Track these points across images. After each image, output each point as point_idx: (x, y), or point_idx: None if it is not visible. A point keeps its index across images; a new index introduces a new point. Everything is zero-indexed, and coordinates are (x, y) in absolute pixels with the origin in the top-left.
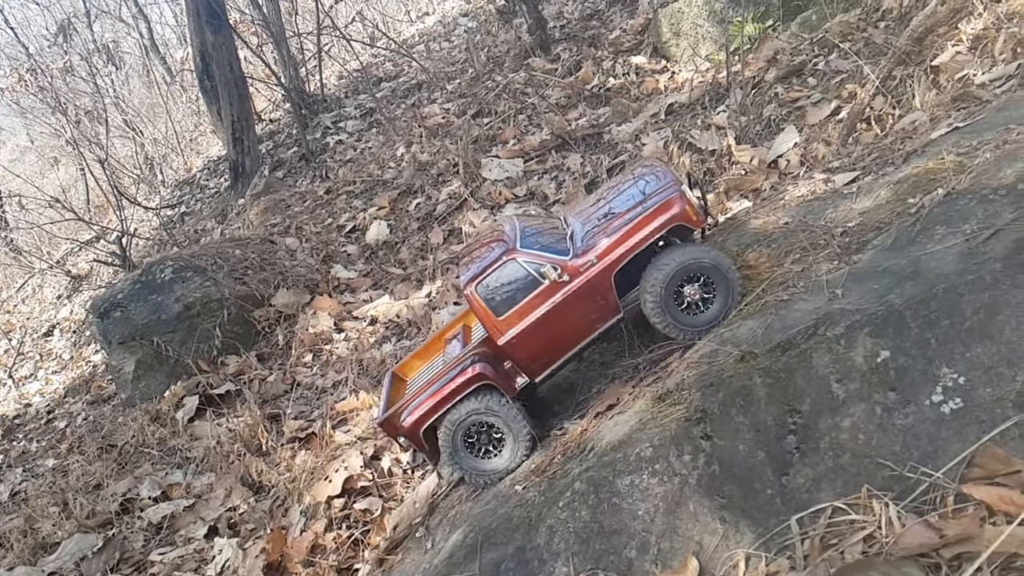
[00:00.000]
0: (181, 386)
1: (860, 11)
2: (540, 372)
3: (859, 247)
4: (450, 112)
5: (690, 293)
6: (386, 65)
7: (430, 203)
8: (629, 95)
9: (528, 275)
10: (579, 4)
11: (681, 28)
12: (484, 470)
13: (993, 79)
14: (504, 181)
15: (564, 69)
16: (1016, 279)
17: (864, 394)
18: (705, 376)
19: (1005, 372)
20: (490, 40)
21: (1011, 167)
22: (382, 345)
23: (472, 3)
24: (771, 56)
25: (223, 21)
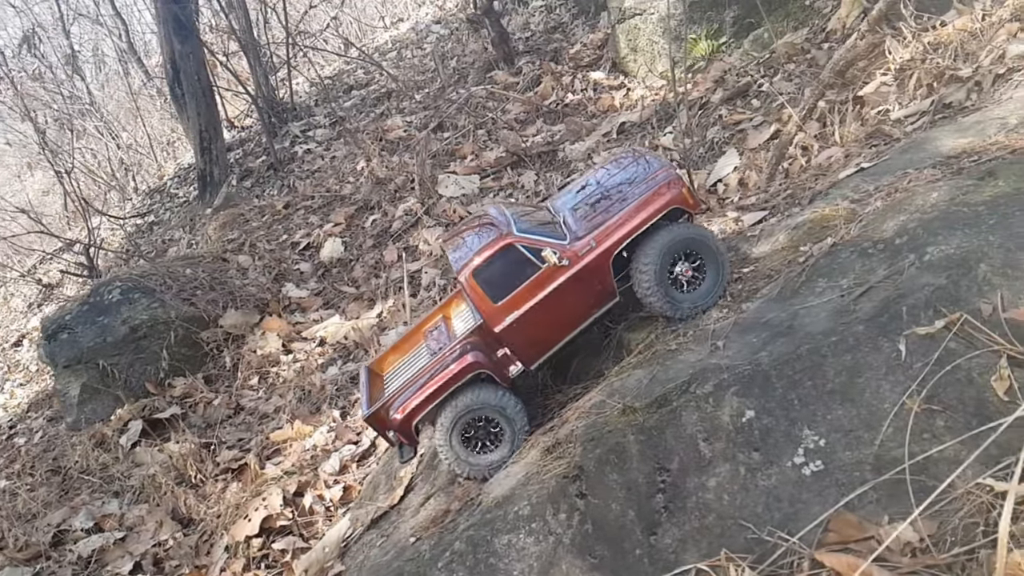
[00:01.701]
0: (127, 409)
1: (808, 31)
2: (536, 359)
3: (749, 295)
4: (412, 125)
5: (682, 271)
6: (358, 73)
7: (386, 220)
8: (586, 111)
9: (526, 260)
10: (544, 16)
11: (638, 44)
12: (481, 464)
13: (908, 115)
14: (460, 198)
15: (525, 83)
16: (877, 342)
17: (729, 454)
18: (591, 428)
19: (864, 435)
20: (459, 49)
21: (894, 219)
22: (327, 368)
23: (445, 10)
24: (719, 76)
25: (190, 31)
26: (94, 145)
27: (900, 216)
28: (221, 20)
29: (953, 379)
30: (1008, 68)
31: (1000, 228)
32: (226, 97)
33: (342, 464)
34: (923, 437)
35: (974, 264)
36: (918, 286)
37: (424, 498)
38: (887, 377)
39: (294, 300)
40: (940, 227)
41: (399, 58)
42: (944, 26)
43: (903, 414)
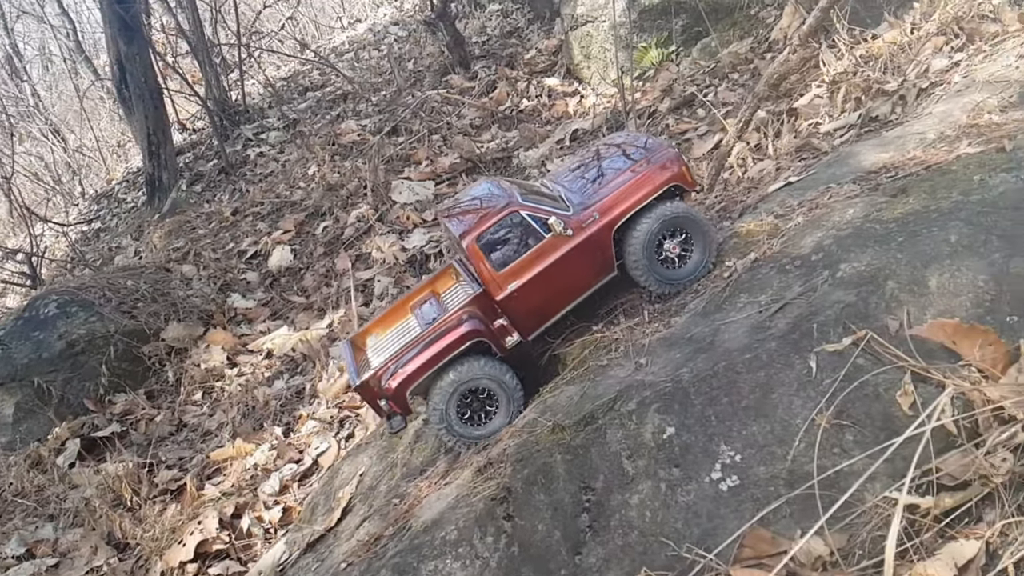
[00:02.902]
0: (64, 428)
1: (752, 40)
2: (534, 329)
3: (678, 310)
4: (366, 129)
5: (670, 248)
6: (313, 74)
7: (338, 226)
8: (540, 118)
9: (531, 228)
10: (501, 20)
11: (591, 51)
12: (476, 436)
13: (837, 128)
14: (414, 204)
15: (481, 88)
16: (789, 358)
17: (651, 471)
18: (522, 448)
19: (777, 451)
20: (417, 51)
21: (812, 235)
22: (273, 382)
23: (403, 11)
24: (667, 85)
25: (137, 31)
26: (39, 148)
27: (818, 232)
28: (172, 20)
29: (861, 395)
30: (931, 82)
31: (908, 246)
32: (177, 99)
33: (282, 484)
34: (833, 452)
35: (882, 281)
36: (829, 303)
37: (361, 520)
38: (799, 393)
39: (240, 311)
40: (853, 244)
41: (356, 59)
42: (875, 39)
43: (814, 429)
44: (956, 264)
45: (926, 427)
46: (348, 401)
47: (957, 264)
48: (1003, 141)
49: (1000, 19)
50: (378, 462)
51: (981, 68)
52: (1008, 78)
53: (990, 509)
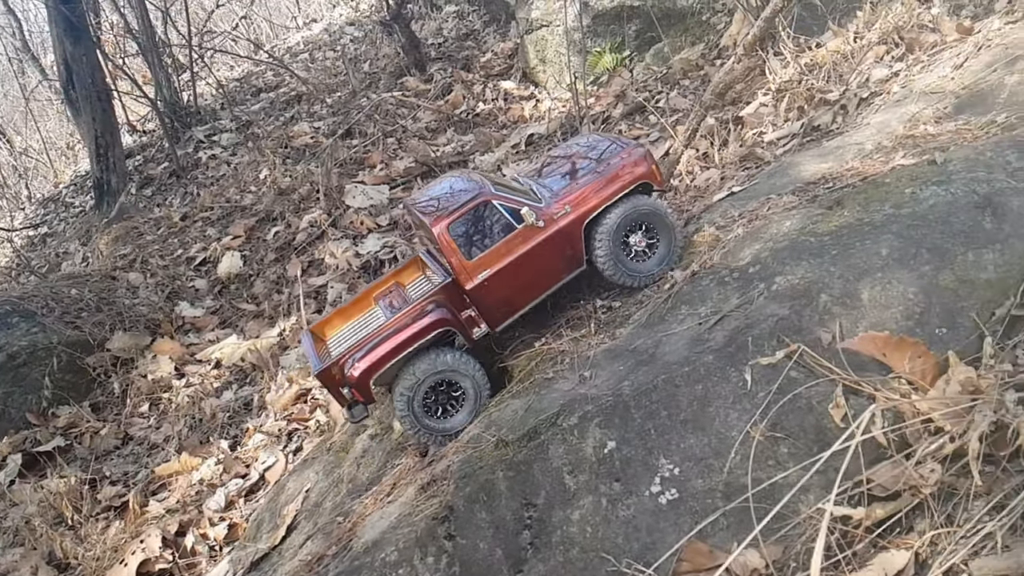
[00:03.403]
0: (6, 443)
1: (703, 47)
2: (502, 320)
3: (622, 321)
4: (319, 132)
5: (636, 241)
6: (267, 75)
7: (289, 232)
8: (496, 121)
9: (503, 218)
10: (457, 22)
11: (546, 55)
12: (442, 429)
13: (780, 137)
14: (368, 209)
15: (437, 90)
16: (725, 371)
17: (592, 485)
18: (465, 464)
19: (715, 463)
20: (373, 52)
21: (751, 247)
22: (222, 393)
23: (359, 12)
24: (620, 91)
25: (83, 31)
26: None
27: (756, 244)
28: (120, 19)
29: (794, 407)
30: (871, 92)
31: (841, 259)
32: (127, 100)
33: (228, 500)
34: (768, 464)
35: (816, 294)
36: (764, 316)
37: (305, 538)
38: (735, 406)
39: (188, 320)
40: (788, 257)
41: (311, 60)
42: (819, 47)
43: (749, 442)
44: (887, 277)
45: (854, 440)
46: (296, 413)
47: (888, 277)
48: (935, 153)
49: (939, 29)
50: (324, 477)
51: (919, 78)
52: (943, 89)
53: (921, 519)
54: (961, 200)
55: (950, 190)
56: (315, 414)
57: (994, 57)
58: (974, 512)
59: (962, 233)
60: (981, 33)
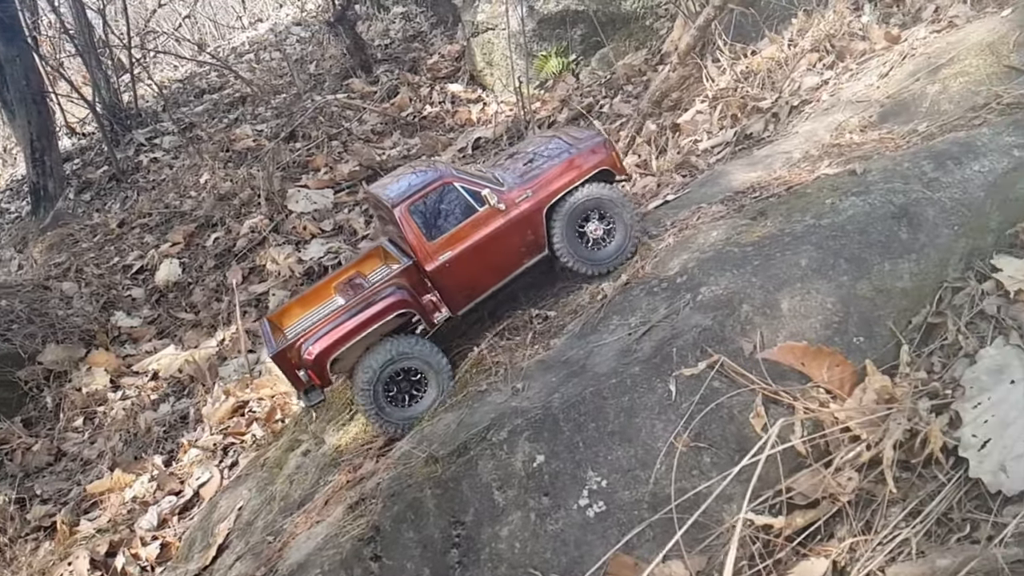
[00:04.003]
0: None
1: (646, 52)
2: (464, 304)
3: (557, 331)
4: (262, 134)
5: (593, 229)
6: (211, 76)
7: (230, 238)
8: (443, 125)
9: (464, 201)
10: (404, 23)
11: (493, 58)
12: (405, 418)
13: (715, 145)
14: (311, 214)
15: (383, 92)
16: (652, 382)
17: (521, 501)
18: (394, 482)
19: (641, 474)
20: (319, 53)
21: (680, 257)
22: (159, 406)
23: (306, 11)
24: (565, 96)
25: (16, 32)
26: None
27: (684, 254)
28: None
29: (717, 417)
30: (802, 100)
31: (763, 269)
32: (66, 102)
33: (161, 518)
34: (692, 474)
35: (738, 305)
36: (689, 327)
37: (236, 558)
38: (660, 417)
39: (125, 330)
40: (713, 267)
41: (256, 61)
42: (755, 55)
43: (674, 452)
44: (806, 287)
45: (764, 451)
46: (233, 427)
47: (807, 287)
48: (855, 164)
49: (868, 37)
50: (258, 495)
51: (847, 86)
52: (869, 97)
53: (841, 526)
54: (879, 210)
55: (868, 200)
56: (251, 428)
57: (918, 66)
58: (891, 519)
59: (879, 243)
60: (907, 42)
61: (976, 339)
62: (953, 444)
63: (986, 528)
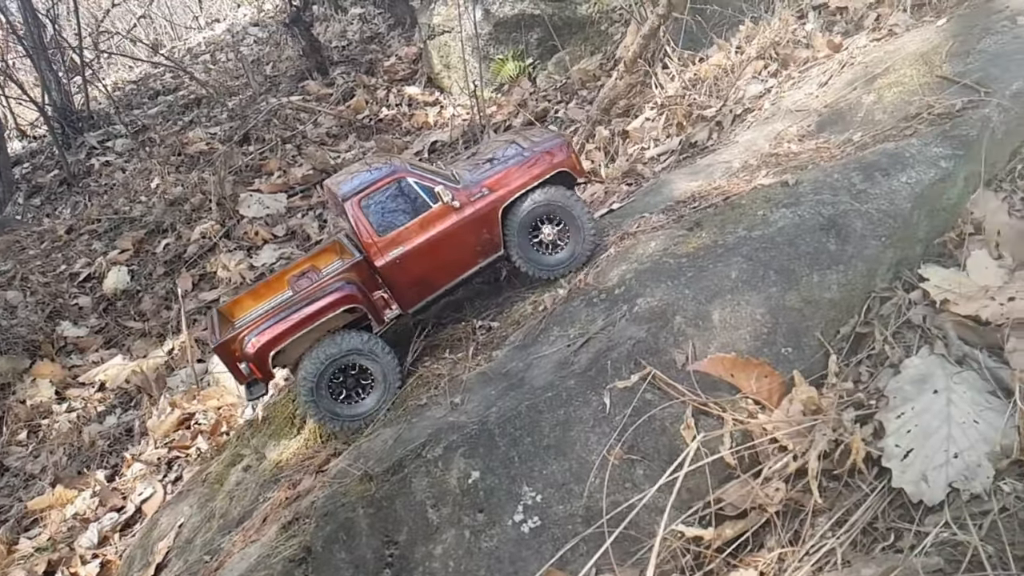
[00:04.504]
0: None
1: (601, 57)
2: (415, 302)
3: (499, 342)
4: (215, 137)
5: (547, 233)
6: (165, 77)
7: (180, 244)
8: (400, 128)
9: (417, 196)
10: (361, 25)
11: (450, 61)
12: (348, 415)
13: (661, 152)
14: (263, 219)
15: (339, 95)
16: (587, 395)
17: (455, 518)
18: (329, 501)
19: (575, 488)
20: (276, 54)
21: (619, 268)
22: (105, 418)
23: (264, 12)
24: (521, 100)
25: None
26: None
27: (623, 265)
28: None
29: (649, 429)
30: (745, 108)
31: (695, 281)
32: (15, 105)
33: (102, 535)
34: (625, 487)
35: (671, 316)
36: (624, 338)
37: None
38: (594, 429)
39: (71, 340)
40: (650, 279)
41: (212, 62)
42: (703, 62)
43: (608, 465)
44: (737, 299)
45: (685, 466)
46: (178, 440)
47: (738, 299)
48: (788, 175)
49: (812, 45)
50: (198, 511)
51: (788, 95)
52: (808, 106)
53: (770, 536)
54: (808, 222)
55: (798, 212)
56: (196, 441)
57: (855, 75)
58: (818, 529)
59: (808, 255)
60: (848, 50)
61: (902, 349)
62: (877, 454)
63: (909, 537)
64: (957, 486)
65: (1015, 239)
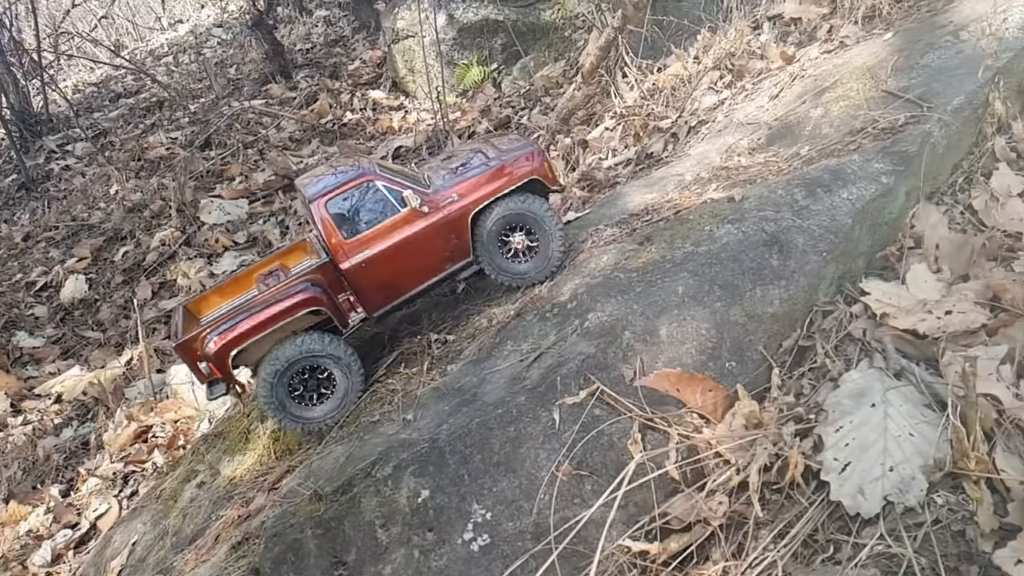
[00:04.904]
0: None
1: (565, 63)
2: (381, 306)
3: (455, 356)
4: (176, 142)
5: (517, 241)
6: (127, 79)
7: (139, 251)
8: (364, 132)
9: (386, 200)
10: (326, 28)
11: (414, 66)
12: (309, 418)
13: (618, 162)
14: (224, 225)
15: (302, 99)
16: (536, 412)
17: (405, 538)
18: (278, 521)
19: (525, 505)
20: (240, 56)
21: (572, 282)
22: (61, 431)
23: (228, 13)
24: (485, 106)
25: None
26: None
27: (576, 279)
28: None
29: (598, 445)
30: (699, 120)
31: (644, 296)
32: None
33: (55, 553)
34: (574, 502)
35: (620, 332)
36: (575, 354)
37: None
38: (544, 446)
39: (27, 351)
40: (601, 294)
41: (175, 64)
42: (661, 72)
43: (556, 481)
44: (683, 314)
45: (623, 485)
46: (134, 454)
47: (684, 314)
48: (735, 190)
49: (766, 55)
50: (152, 528)
51: (741, 107)
52: (759, 119)
53: (715, 549)
54: (751, 238)
55: (742, 228)
56: (153, 455)
57: (805, 88)
58: (760, 541)
59: (751, 270)
60: (800, 62)
61: (843, 362)
62: (817, 467)
63: (847, 549)
64: (892, 499)
65: (953, 252)
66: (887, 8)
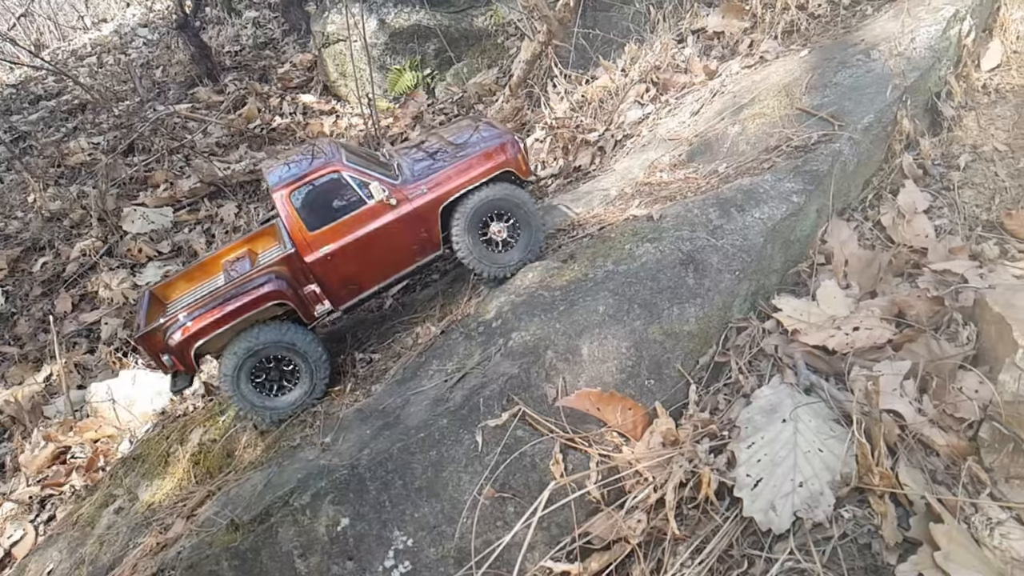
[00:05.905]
0: None
1: (498, 70)
2: (347, 300)
3: (379, 376)
4: (99, 148)
5: (496, 230)
6: (48, 81)
7: (59, 262)
8: (294, 137)
9: (352, 191)
10: (255, 30)
11: (345, 70)
12: (272, 408)
13: (549, 175)
14: (149, 234)
15: (230, 102)
16: (459, 434)
17: (324, 567)
18: (194, 552)
19: (447, 530)
20: (166, 58)
21: (499, 298)
22: None
23: (154, 12)
24: (417, 112)
25: None
26: None
27: (502, 296)
28: None
29: (520, 466)
30: (625, 134)
31: (566, 315)
32: None
33: None
34: (496, 525)
35: (543, 351)
36: (498, 374)
37: None
38: (466, 469)
39: None
40: (525, 312)
41: (99, 65)
42: (590, 83)
43: (478, 504)
44: (604, 332)
45: (538, 512)
46: (52, 477)
47: (605, 332)
48: (656, 205)
49: (690, 69)
50: (68, 557)
51: (664, 122)
52: (681, 135)
53: (635, 566)
54: (668, 257)
55: (660, 248)
56: (71, 477)
57: (724, 105)
58: (679, 557)
59: (668, 289)
60: (720, 77)
61: (755, 378)
62: (731, 483)
63: (760, 564)
64: (801, 515)
65: (862, 268)
66: (805, 24)
